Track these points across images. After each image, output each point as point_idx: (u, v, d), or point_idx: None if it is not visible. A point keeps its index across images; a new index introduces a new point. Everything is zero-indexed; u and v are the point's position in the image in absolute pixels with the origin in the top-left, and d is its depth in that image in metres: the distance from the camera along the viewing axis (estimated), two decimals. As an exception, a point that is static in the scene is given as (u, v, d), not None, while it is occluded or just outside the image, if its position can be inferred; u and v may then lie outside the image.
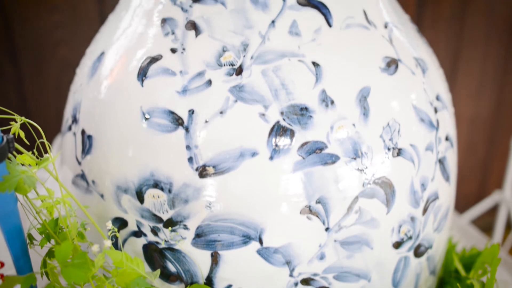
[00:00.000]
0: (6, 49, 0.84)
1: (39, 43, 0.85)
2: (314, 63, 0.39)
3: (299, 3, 0.40)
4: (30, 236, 0.40)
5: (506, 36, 1.02)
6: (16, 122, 0.39)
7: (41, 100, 0.89)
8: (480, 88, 1.06)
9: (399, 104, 0.42)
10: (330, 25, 0.41)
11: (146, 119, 0.40)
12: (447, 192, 0.48)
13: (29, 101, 0.89)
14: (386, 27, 0.44)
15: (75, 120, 0.47)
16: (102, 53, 0.46)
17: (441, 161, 0.46)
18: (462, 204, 1.11)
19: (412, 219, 0.43)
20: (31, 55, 0.85)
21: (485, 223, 1.11)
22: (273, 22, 0.40)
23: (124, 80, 0.42)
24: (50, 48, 0.85)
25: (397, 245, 0.43)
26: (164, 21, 0.42)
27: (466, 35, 1.00)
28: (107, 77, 0.44)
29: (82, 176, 0.45)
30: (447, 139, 0.47)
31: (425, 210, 0.44)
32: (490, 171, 1.17)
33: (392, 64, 0.43)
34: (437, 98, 0.47)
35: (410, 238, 0.44)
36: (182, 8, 0.41)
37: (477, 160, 1.15)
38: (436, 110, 0.46)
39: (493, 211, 1.03)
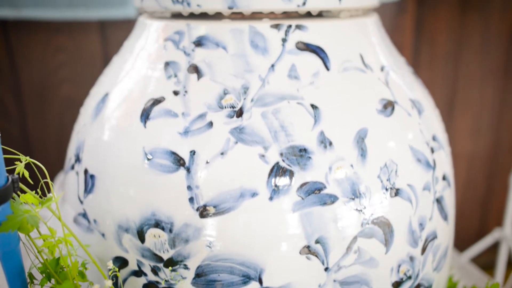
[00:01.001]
0: (11, 86, 0.85)
1: (43, 82, 0.86)
2: (312, 106, 0.40)
3: (298, 48, 0.42)
4: (31, 275, 0.40)
5: (501, 75, 1.04)
6: (20, 161, 0.39)
7: (44, 137, 0.90)
8: (477, 126, 1.07)
9: (396, 145, 0.43)
10: (328, 69, 0.42)
11: (148, 159, 0.41)
12: (445, 231, 0.48)
13: (32, 138, 0.90)
14: (382, 70, 0.46)
15: (78, 159, 0.48)
16: (106, 94, 0.47)
17: (438, 201, 0.47)
18: (462, 242, 1.11)
19: (411, 258, 0.43)
20: (35, 93, 0.87)
21: (485, 261, 1.11)
22: (272, 66, 0.41)
23: (127, 121, 0.43)
24: (54, 86, 0.87)
25: (397, 284, 0.43)
26: (167, 64, 0.43)
27: (462, 75, 1.02)
28: (111, 118, 0.45)
29: (84, 215, 0.46)
30: (444, 178, 0.48)
31: (424, 250, 0.45)
32: (490, 208, 1.17)
33: (388, 106, 0.44)
34: (434, 138, 0.48)
35: (410, 277, 0.44)
36: (184, 52, 0.43)
37: (477, 197, 1.15)
38: (432, 150, 0.47)
39: (493, 249, 1.03)
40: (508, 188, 1.01)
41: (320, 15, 0.44)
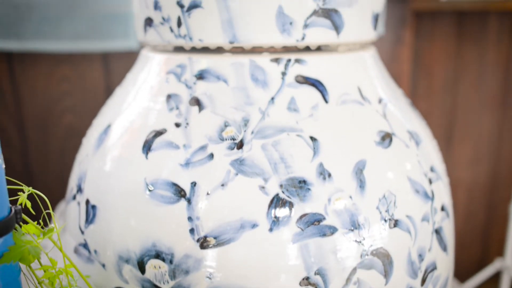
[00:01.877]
0: (14, 116, 0.86)
1: (46, 111, 0.87)
2: (311, 138, 0.41)
3: (297, 81, 0.43)
4: (31, 307, 0.40)
5: (498, 104, 1.05)
6: (23, 192, 0.40)
7: (45, 165, 0.90)
8: (476, 155, 1.08)
9: (394, 176, 0.43)
10: (326, 101, 0.43)
11: (149, 190, 0.41)
12: (445, 262, 0.48)
13: (33, 166, 0.90)
14: (380, 102, 0.46)
15: (80, 189, 0.48)
16: (109, 126, 0.48)
17: (437, 231, 0.47)
18: (463, 272, 1.10)
19: (411, 290, 0.44)
20: (38, 122, 0.88)
21: (487, 292, 1.10)
22: (272, 99, 0.42)
23: (129, 152, 0.44)
24: (57, 115, 0.88)
25: (397, 317, 0.43)
26: (169, 97, 0.44)
27: (460, 105, 1.03)
28: (113, 149, 0.46)
29: (85, 245, 0.46)
30: (442, 209, 0.48)
31: (423, 281, 0.45)
32: (491, 238, 1.17)
33: (386, 138, 0.44)
34: (431, 169, 0.48)
35: (410, 309, 0.44)
36: (186, 85, 0.44)
37: (477, 227, 1.15)
38: (430, 181, 0.47)
39: (495, 279, 1.02)
40: (508, 218, 1.01)
41: (319, 49, 0.46)
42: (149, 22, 0.46)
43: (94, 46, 0.80)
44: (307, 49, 0.45)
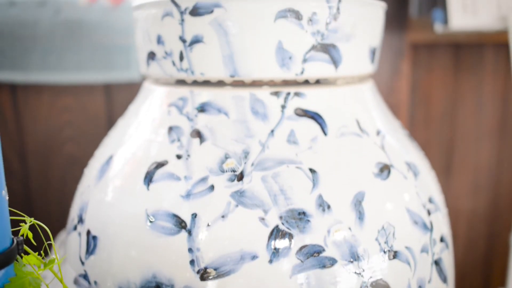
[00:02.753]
0: (16, 146, 0.87)
1: (48, 141, 0.88)
2: (311, 170, 0.42)
3: (297, 114, 0.43)
4: None
5: (497, 134, 1.06)
6: (25, 222, 0.40)
7: (46, 194, 0.91)
8: (476, 184, 1.08)
9: (393, 207, 0.44)
10: (325, 134, 0.44)
11: (150, 221, 0.42)
12: (445, 294, 0.48)
13: (34, 195, 0.91)
14: (378, 134, 0.47)
15: (81, 220, 0.49)
16: (111, 157, 0.49)
17: (437, 263, 0.47)
18: (465, 302, 1.09)
19: (411, 322, 0.43)
20: (40, 151, 0.89)
21: (490, 323, 1.09)
22: (272, 131, 0.43)
23: (131, 183, 0.44)
24: (58, 145, 0.89)
25: None
26: (170, 129, 0.45)
27: (458, 134, 1.04)
28: (115, 180, 0.46)
29: (85, 276, 0.46)
30: (442, 240, 0.49)
31: (423, 313, 0.45)
32: (492, 268, 1.16)
33: (384, 170, 0.45)
34: (430, 200, 0.49)
35: None
36: (188, 118, 0.44)
37: (478, 257, 1.14)
38: (429, 212, 0.47)
39: (497, 310, 1.01)
40: (509, 247, 1.00)
41: (317, 82, 0.47)
42: (152, 56, 0.48)
43: (96, 77, 0.81)
44: (306, 82, 0.46)
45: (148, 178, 0.43)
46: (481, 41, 0.96)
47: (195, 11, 0.43)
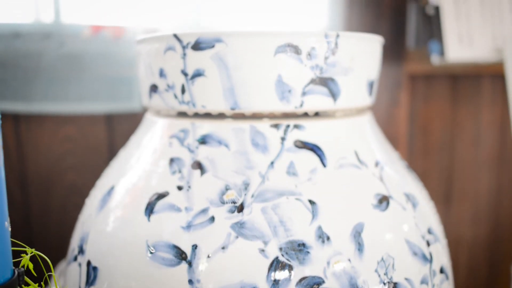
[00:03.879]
0: (17, 175, 0.88)
1: (49, 170, 0.89)
2: (310, 201, 0.42)
3: (296, 146, 0.44)
4: None
5: (496, 163, 1.07)
6: (26, 253, 0.40)
7: (46, 224, 0.91)
8: (476, 213, 1.08)
9: (392, 239, 0.44)
10: (324, 166, 0.44)
11: (151, 252, 0.42)
12: (445, 326, 0.48)
13: (34, 224, 0.91)
14: (376, 165, 0.48)
15: (81, 250, 0.49)
16: (112, 187, 0.49)
17: (437, 294, 0.47)
18: (467, 333, 1.08)
19: None
20: (41, 180, 0.89)
21: None
22: (272, 163, 0.43)
23: (132, 214, 0.45)
24: (59, 174, 0.89)
25: None
26: (172, 160, 0.45)
27: (457, 164, 1.04)
28: (116, 211, 0.47)
29: (84, 308, 0.46)
30: (442, 271, 0.49)
31: None
32: (494, 298, 1.15)
33: (383, 201, 0.45)
34: (429, 231, 0.49)
35: None
36: (189, 149, 0.45)
37: (479, 286, 1.13)
38: (428, 243, 0.48)
39: None
40: (511, 276, 1.00)
41: (316, 114, 0.47)
42: (154, 88, 0.49)
43: (98, 107, 0.82)
44: (305, 115, 0.47)
45: (149, 209, 0.44)
46: (478, 72, 0.98)
47: (197, 46, 0.44)
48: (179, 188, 0.44)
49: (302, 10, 0.86)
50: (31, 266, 0.40)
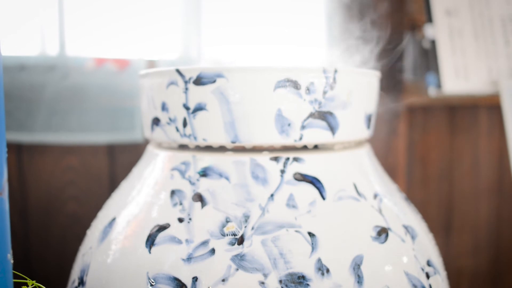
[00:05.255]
0: (18, 204, 0.88)
1: (50, 200, 0.89)
2: (310, 234, 0.42)
3: (295, 179, 0.45)
4: None
5: (495, 192, 1.07)
6: (27, 285, 0.41)
7: (46, 254, 0.91)
8: (476, 243, 1.08)
9: (391, 271, 0.44)
10: (323, 198, 0.45)
11: (151, 285, 0.42)
12: None
13: (34, 254, 0.91)
14: (375, 197, 0.48)
15: (82, 282, 0.49)
16: (114, 219, 0.50)
17: (437, 327, 0.47)
18: None
19: None
20: (41, 209, 0.89)
21: None
22: (272, 195, 0.44)
23: (133, 246, 0.45)
24: (60, 204, 0.90)
25: None
26: (173, 192, 0.46)
27: (456, 193, 1.05)
28: (117, 243, 0.47)
29: None
30: (441, 304, 0.49)
31: None
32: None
33: (382, 233, 0.46)
34: (428, 263, 0.49)
35: None
36: (190, 182, 0.46)
37: (481, 318, 1.12)
38: (428, 276, 0.48)
39: None
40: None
41: (316, 147, 0.48)
42: (156, 121, 0.50)
43: (100, 138, 0.83)
44: (305, 148, 0.47)
45: (150, 241, 0.44)
46: (474, 103, 0.99)
47: (199, 81, 0.45)
48: (180, 220, 0.44)
49: (301, 43, 0.88)
50: (32, 298, 0.41)
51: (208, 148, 0.47)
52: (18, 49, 0.83)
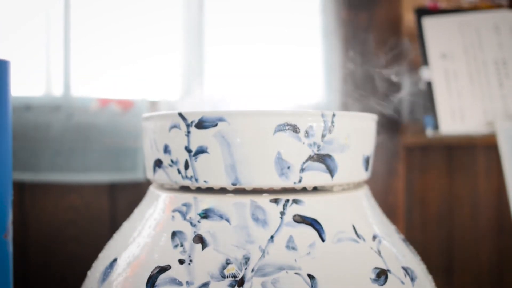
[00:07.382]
0: (18, 242, 0.88)
1: (51, 239, 0.89)
2: (309, 276, 0.43)
3: (295, 220, 0.46)
4: None
5: (495, 233, 1.07)
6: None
7: (45, 293, 0.90)
8: (478, 284, 1.07)
9: (391, 314, 0.45)
10: (323, 240, 0.45)
11: (151, 327, 0.42)
12: None
13: (32, 293, 0.90)
14: (374, 239, 0.49)
15: (81, 324, 0.49)
16: (115, 260, 0.50)
17: None
18: None
19: None
20: (41, 249, 0.89)
21: None
22: (272, 237, 0.44)
23: (133, 287, 0.45)
24: (61, 243, 0.90)
25: None
26: (174, 234, 0.47)
27: (456, 234, 1.05)
28: (118, 284, 0.47)
29: None
30: None
31: None
32: None
33: (382, 275, 0.46)
34: (428, 305, 0.49)
35: None
36: (191, 223, 0.46)
37: None
38: (428, 318, 0.48)
39: None
40: None
41: (315, 189, 0.49)
42: (158, 163, 0.51)
43: (103, 177, 0.84)
44: (304, 189, 0.48)
45: (151, 283, 0.44)
46: (472, 142, 1.01)
47: (201, 124, 0.46)
48: (181, 261, 0.44)
49: (297, 88, 0.90)
50: None
51: (209, 190, 0.48)
52: (24, 90, 0.85)
